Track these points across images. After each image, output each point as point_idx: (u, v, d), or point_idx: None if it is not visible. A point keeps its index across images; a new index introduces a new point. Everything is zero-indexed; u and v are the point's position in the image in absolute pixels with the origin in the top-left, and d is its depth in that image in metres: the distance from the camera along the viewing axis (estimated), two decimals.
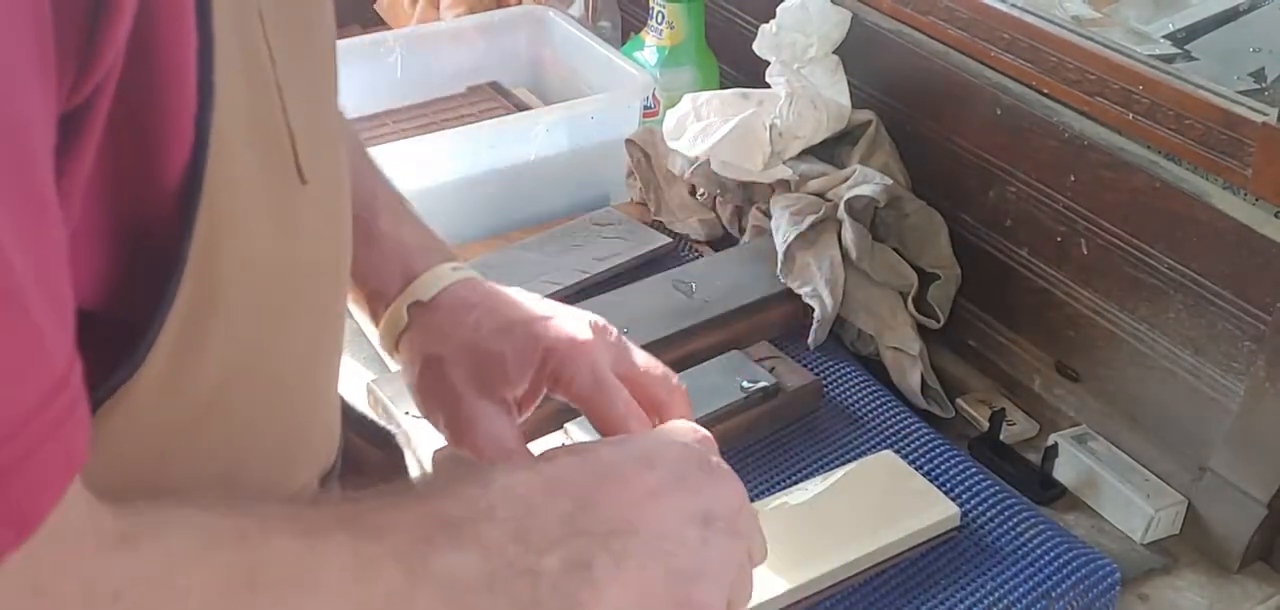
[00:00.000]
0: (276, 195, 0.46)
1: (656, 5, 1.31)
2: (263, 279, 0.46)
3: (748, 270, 1.08)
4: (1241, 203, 0.87)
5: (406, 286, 0.67)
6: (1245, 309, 0.87)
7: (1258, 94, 0.90)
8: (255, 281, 0.46)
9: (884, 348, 1.03)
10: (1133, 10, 1.06)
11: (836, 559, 0.81)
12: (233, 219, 0.43)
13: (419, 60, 1.37)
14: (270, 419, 0.51)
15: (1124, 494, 0.92)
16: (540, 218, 1.23)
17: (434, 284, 0.67)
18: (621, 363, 0.66)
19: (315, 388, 0.56)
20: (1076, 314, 1.00)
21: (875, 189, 1.04)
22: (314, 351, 0.55)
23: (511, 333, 0.65)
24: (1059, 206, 0.99)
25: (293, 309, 0.50)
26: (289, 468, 0.54)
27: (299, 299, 0.51)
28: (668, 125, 1.17)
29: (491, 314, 0.66)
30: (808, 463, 0.93)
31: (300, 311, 0.51)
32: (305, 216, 0.49)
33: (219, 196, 0.42)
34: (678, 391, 0.67)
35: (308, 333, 0.53)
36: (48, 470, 0.36)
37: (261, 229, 0.46)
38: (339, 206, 0.56)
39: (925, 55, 1.09)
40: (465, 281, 0.68)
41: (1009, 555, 0.85)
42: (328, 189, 0.53)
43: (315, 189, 0.49)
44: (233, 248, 0.44)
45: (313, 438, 0.57)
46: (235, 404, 0.47)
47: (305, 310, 0.52)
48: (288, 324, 0.50)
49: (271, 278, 0.47)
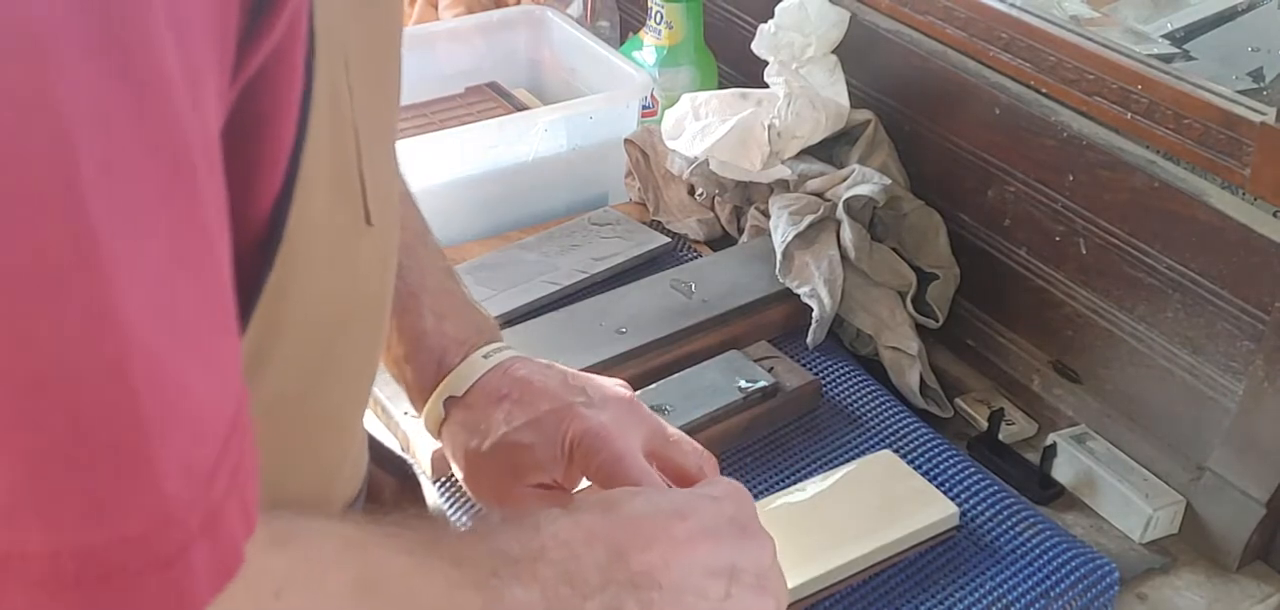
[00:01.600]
0: (344, 236, 0.47)
1: (655, 5, 1.31)
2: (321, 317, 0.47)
3: (747, 270, 1.08)
4: (1240, 202, 0.87)
5: (441, 380, 0.69)
6: (1244, 308, 0.87)
7: (1256, 94, 0.90)
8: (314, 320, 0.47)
9: (883, 347, 1.03)
10: (1131, 10, 1.06)
11: (836, 559, 0.81)
12: (306, 259, 0.44)
13: (417, 60, 1.37)
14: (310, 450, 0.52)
15: (1123, 493, 0.92)
16: (539, 217, 1.23)
17: (468, 376, 0.69)
18: (653, 439, 0.68)
19: (351, 420, 0.58)
20: (1075, 313, 1.00)
21: (874, 189, 1.04)
22: (356, 387, 0.57)
23: (540, 426, 0.67)
24: (1057, 206, 0.99)
25: (341, 345, 0.51)
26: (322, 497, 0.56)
27: (348, 336, 0.52)
28: (666, 125, 1.17)
29: (521, 405, 0.68)
30: (807, 462, 0.93)
31: (348, 348, 0.52)
32: (364, 257, 0.50)
33: (296, 237, 0.43)
34: (709, 462, 0.69)
35: (352, 369, 0.54)
36: (245, 503, 0.37)
37: (327, 269, 0.46)
38: (392, 244, 0.57)
39: (924, 55, 1.09)
40: (498, 369, 0.70)
41: (1008, 555, 0.85)
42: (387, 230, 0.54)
43: (377, 229, 0.50)
44: (301, 288, 0.44)
45: (345, 469, 0.58)
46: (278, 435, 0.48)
47: (352, 347, 0.53)
48: (335, 360, 0.51)
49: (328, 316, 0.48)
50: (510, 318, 1.04)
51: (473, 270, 1.10)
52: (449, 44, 1.40)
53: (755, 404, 0.94)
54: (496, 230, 1.20)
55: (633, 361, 0.97)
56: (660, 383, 0.95)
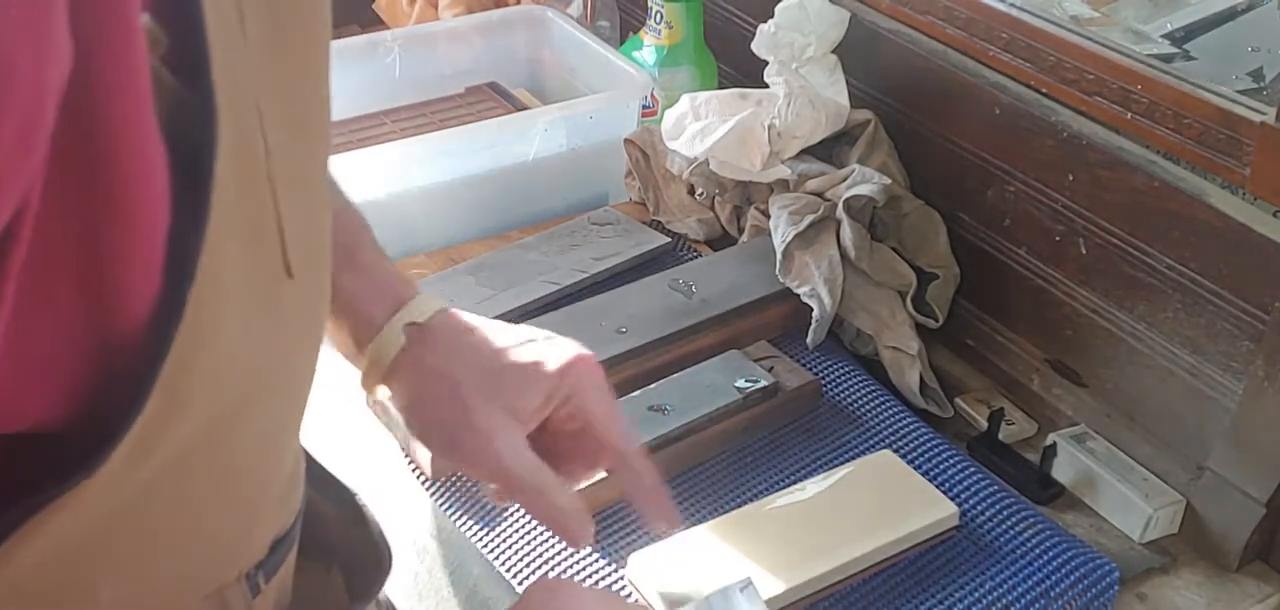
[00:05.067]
0: (259, 292, 0.45)
1: (655, 5, 1.31)
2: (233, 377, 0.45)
3: (746, 270, 1.08)
4: (1240, 202, 0.87)
5: (398, 309, 0.68)
6: (1243, 308, 0.87)
7: (1256, 93, 0.90)
8: (225, 381, 0.44)
9: (883, 347, 1.03)
10: (1131, 10, 1.06)
11: (835, 559, 0.81)
12: (214, 327, 0.41)
13: (417, 60, 1.37)
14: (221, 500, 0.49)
15: (1122, 493, 0.92)
16: (539, 217, 1.23)
17: (429, 306, 0.69)
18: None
19: (272, 465, 0.54)
20: (1075, 313, 1.00)
21: (874, 188, 1.04)
22: (279, 428, 0.54)
23: (523, 349, 0.67)
24: (1057, 206, 0.99)
25: (259, 395, 0.48)
26: (238, 542, 0.53)
27: (266, 387, 0.49)
28: (666, 125, 1.17)
29: (496, 334, 0.68)
30: (807, 462, 0.93)
31: (269, 394, 0.50)
32: (286, 308, 0.48)
33: (201, 312, 0.40)
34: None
35: (271, 417, 0.52)
36: None
37: (240, 330, 0.44)
38: (320, 290, 0.54)
39: (924, 55, 1.09)
40: (451, 311, 0.70)
41: (1008, 555, 0.85)
42: (311, 275, 0.51)
43: (299, 279, 0.47)
44: (208, 356, 0.42)
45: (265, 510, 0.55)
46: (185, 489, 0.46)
47: (274, 392, 0.51)
48: (253, 409, 0.48)
49: (242, 374, 0.45)
50: (510, 318, 1.03)
51: (473, 270, 1.10)
52: (449, 44, 1.40)
53: (755, 404, 0.94)
54: (496, 230, 1.20)
55: (633, 361, 0.97)
56: (660, 383, 0.95)
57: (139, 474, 0.42)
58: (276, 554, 0.56)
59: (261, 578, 0.54)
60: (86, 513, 0.41)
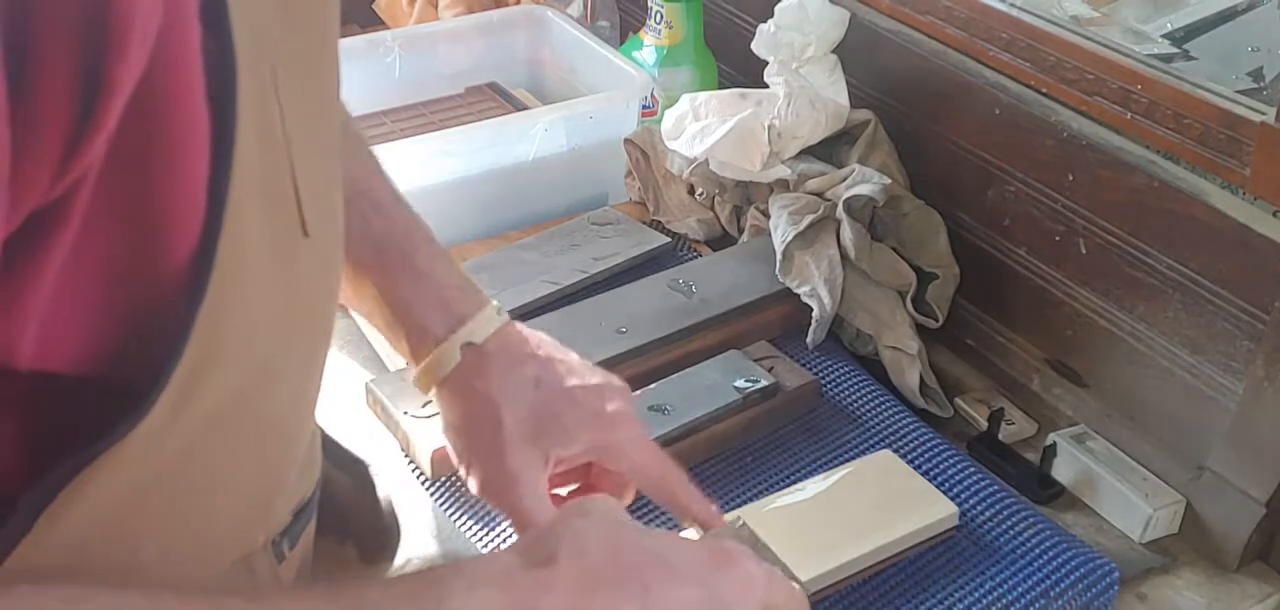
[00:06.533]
0: (280, 250, 0.47)
1: (655, 5, 1.31)
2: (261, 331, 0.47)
3: (746, 270, 1.08)
4: (1240, 202, 0.87)
5: (458, 326, 0.69)
6: (1243, 308, 0.87)
7: (1256, 93, 0.90)
8: (253, 333, 0.46)
9: (882, 347, 1.03)
10: (1131, 9, 1.06)
11: (835, 558, 0.81)
12: (240, 281, 0.44)
13: (417, 60, 1.37)
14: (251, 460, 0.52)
15: (1122, 493, 0.92)
16: (539, 217, 1.23)
17: (487, 326, 0.69)
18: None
19: (296, 428, 0.56)
20: (1075, 313, 1.00)
21: (874, 188, 1.04)
22: (300, 394, 0.56)
23: (574, 399, 0.68)
24: (1057, 206, 0.99)
25: (283, 356, 0.50)
26: (265, 505, 0.55)
27: (289, 346, 0.51)
28: (666, 125, 1.17)
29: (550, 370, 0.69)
30: (806, 462, 0.93)
31: (290, 357, 0.52)
32: (304, 267, 0.50)
33: (229, 263, 0.43)
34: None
35: (295, 377, 0.54)
36: None
37: (265, 285, 0.46)
38: (335, 252, 0.56)
39: (924, 55, 1.09)
40: (511, 327, 0.70)
41: (1007, 555, 0.85)
42: (326, 237, 0.53)
43: (315, 239, 0.49)
44: (238, 308, 0.44)
45: (291, 473, 0.57)
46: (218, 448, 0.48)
47: (295, 356, 0.53)
48: (277, 371, 0.50)
49: (268, 329, 0.47)
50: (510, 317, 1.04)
51: (473, 270, 1.09)
52: (449, 44, 1.40)
53: (755, 404, 0.94)
54: (496, 230, 1.20)
55: (633, 361, 0.97)
56: (660, 383, 0.95)
57: (178, 429, 0.44)
58: (298, 522, 0.58)
59: (286, 545, 0.56)
60: (129, 470, 0.43)
